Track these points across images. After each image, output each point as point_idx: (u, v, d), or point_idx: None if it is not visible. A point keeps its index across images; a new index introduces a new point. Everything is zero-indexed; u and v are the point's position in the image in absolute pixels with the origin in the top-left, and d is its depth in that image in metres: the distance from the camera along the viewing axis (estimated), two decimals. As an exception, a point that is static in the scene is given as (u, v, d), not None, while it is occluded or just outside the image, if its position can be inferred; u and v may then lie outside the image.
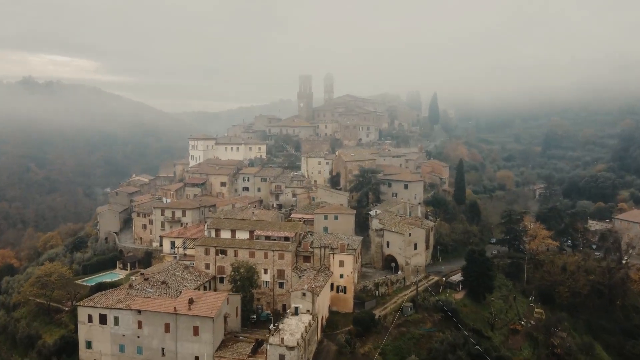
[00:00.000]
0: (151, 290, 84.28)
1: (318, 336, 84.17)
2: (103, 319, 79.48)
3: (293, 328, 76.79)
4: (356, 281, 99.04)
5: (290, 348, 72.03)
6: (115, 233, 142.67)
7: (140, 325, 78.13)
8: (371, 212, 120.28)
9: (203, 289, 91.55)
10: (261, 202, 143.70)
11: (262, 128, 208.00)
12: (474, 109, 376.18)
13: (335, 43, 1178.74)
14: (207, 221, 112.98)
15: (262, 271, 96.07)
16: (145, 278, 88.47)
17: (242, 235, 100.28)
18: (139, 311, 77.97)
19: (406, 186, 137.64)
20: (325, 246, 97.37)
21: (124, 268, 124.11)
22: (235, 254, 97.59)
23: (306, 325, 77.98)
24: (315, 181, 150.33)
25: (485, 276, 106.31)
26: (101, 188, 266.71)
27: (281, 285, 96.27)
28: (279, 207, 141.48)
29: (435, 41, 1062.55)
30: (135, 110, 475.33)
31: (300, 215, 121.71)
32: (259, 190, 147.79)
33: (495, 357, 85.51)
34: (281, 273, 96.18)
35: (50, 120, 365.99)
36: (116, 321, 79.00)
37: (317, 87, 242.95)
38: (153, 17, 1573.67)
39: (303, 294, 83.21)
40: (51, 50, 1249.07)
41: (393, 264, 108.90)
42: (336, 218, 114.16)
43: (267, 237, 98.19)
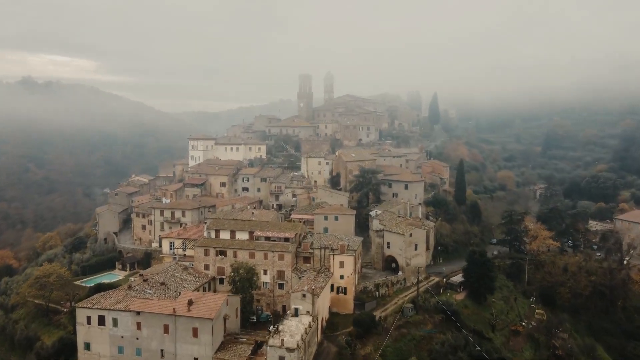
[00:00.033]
0: (150, 291, 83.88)
1: (318, 338, 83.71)
2: (102, 321, 79.01)
3: (293, 329, 76.44)
4: (356, 282, 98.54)
5: (290, 350, 71.63)
6: (114, 233, 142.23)
7: (139, 326, 77.69)
8: (371, 213, 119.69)
9: (202, 290, 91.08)
10: (261, 203, 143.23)
11: (262, 128, 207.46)
12: (475, 109, 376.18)
13: (335, 43, 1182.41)
14: (207, 222, 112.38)
15: (262, 272, 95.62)
16: (144, 279, 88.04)
17: (242, 235, 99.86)
18: (138, 312, 77.53)
19: (406, 186, 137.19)
20: (325, 247, 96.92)
21: (123, 269, 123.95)
22: (234, 255, 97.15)
23: (306, 326, 77.56)
24: (315, 181, 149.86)
25: (486, 277, 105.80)
26: (100, 188, 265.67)
27: (281, 286, 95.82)
28: (279, 208, 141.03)
29: (435, 41, 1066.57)
30: (135, 110, 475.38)
31: (300, 215, 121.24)
32: (259, 190, 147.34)
33: (496, 359, 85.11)
34: (281, 274, 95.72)
35: (49, 120, 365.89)
36: (115, 322, 78.52)
37: (317, 87, 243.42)
38: (153, 17, 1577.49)
39: (303, 295, 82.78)
40: (51, 50, 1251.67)
41: (393, 265, 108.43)
42: (336, 219, 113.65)
43: (267, 238, 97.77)
